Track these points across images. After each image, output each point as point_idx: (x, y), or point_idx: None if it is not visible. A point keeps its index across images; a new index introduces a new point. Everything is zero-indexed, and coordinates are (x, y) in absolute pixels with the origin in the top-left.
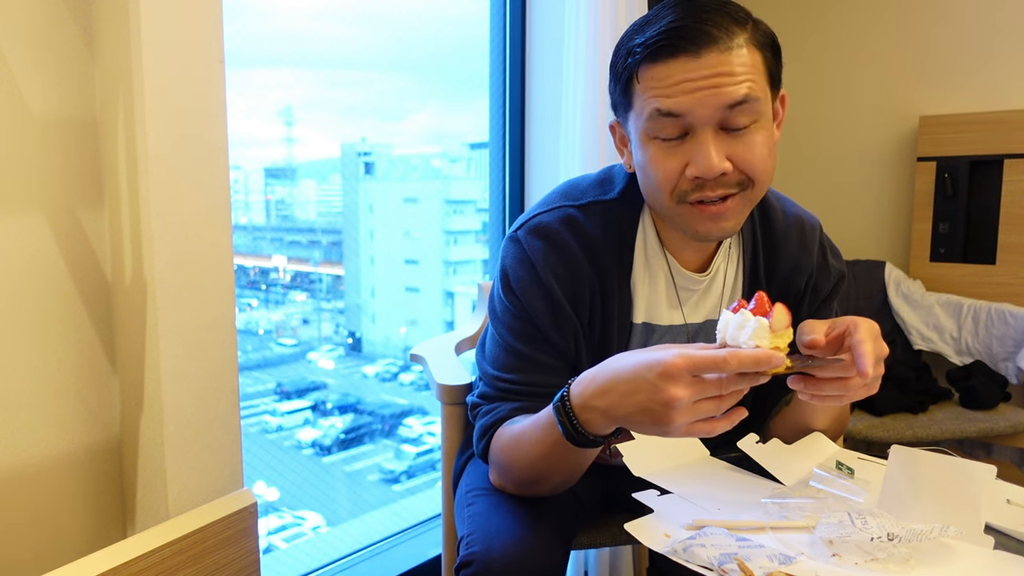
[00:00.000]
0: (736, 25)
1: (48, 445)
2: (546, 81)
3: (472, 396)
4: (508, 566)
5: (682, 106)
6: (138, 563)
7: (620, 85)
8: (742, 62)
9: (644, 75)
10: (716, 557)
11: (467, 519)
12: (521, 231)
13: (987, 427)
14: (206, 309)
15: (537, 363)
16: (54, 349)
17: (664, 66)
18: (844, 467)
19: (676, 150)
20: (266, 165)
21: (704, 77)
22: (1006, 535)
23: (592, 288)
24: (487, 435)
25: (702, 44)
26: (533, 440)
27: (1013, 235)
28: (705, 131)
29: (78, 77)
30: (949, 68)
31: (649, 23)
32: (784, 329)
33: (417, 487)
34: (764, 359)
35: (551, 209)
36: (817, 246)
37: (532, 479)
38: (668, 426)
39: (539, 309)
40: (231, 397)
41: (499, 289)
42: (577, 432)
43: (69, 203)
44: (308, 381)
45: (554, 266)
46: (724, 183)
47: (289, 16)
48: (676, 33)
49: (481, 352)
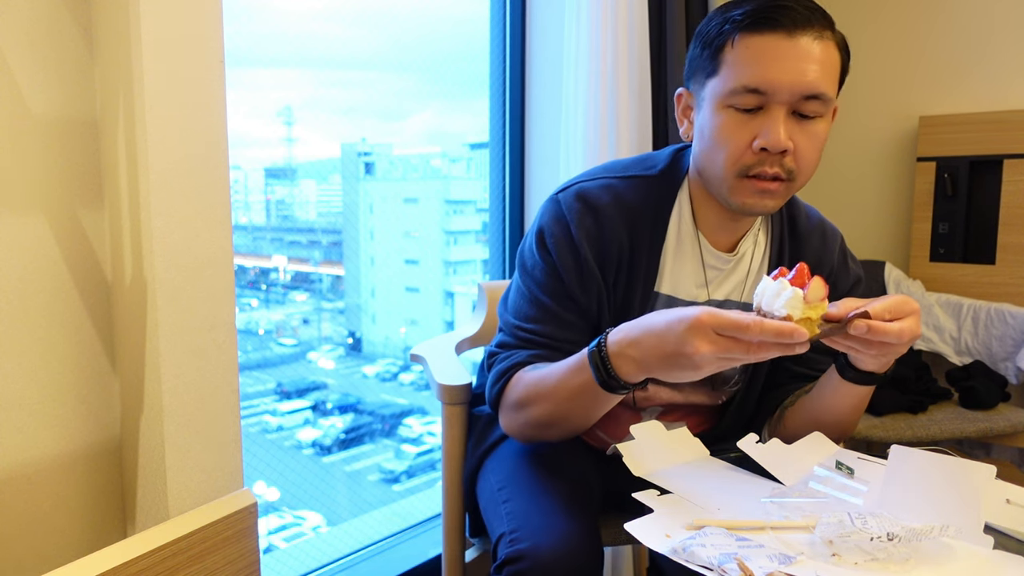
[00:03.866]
0: (827, 21)
1: (48, 445)
2: (546, 81)
3: (490, 346)
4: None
5: (767, 83)
6: (138, 563)
7: (710, 50)
8: (828, 56)
9: (740, 42)
10: (716, 557)
11: (505, 516)
12: (563, 194)
13: (987, 427)
14: (206, 309)
15: (559, 318)
16: (54, 349)
17: (761, 37)
18: (844, 467)
19: (748, 123)
20: (266, 165)
21: (796, 58)
22: (1006, 535)
23: (621, 253)
24: (504, 377)
25: (800, 24)
26: (559, 382)
27: (1013, 235)
28: (779, 109)
29: (78, 77)
30: (949, 68)
31: (749, 1)
32: (819, 301)
33: (417, 487)
34: (787, 332)
35: (594, 179)
36: (838, 249)
37: (549, 420)
38: (694, 372)
39: (568, 266)
40: (231, 397)
41: (533, 244)
42: (609, 376)
43: (69, 203)
44: (308, 381)
45: (588, 227)
46: (781, 163)
47: (289, 16)
48: (779, 11)
49: (504, 304)
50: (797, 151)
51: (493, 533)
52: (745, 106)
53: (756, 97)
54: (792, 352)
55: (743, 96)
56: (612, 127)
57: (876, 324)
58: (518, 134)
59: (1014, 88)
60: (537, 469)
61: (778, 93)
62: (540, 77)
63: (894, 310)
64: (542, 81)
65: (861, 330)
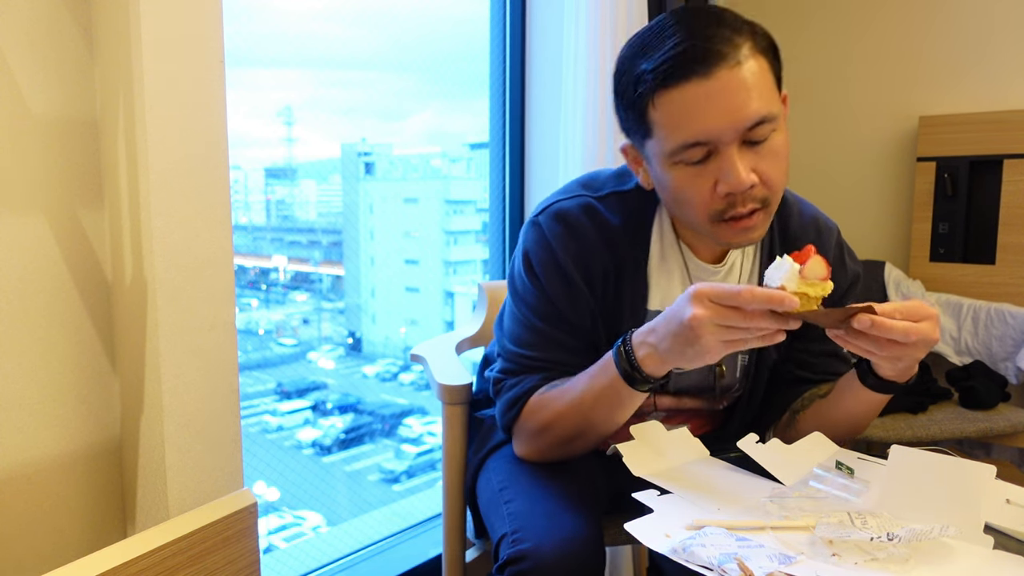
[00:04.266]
0: (738, 35)
1: (48, 445)
2: (546, 81)
3: (492, 371)
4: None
5: (706, 133)
6: (138, 563)
7: (634, 113)
8: (752, 73)
9: (660, 101)
10: (716, 557)
11: (507, 516)
12: (542, 216)
13: (987, 427)
14: (206, 309)
15: (555, 341)
16: (54, 349)
17: (678, 91)
18: (844, 467)
19: (703, 172)
20: (266, 165)
21: (723, 97)
22: (1006, 535)
23: (607, 274)
24: (518, 404)
25: (712, 63)
26: (583, 391)
27: (1013, 235)
28: (729, 149)
29: (78, 77)
30: (949, 68)
31: (650, 47)
32: (818, 280)
33: (417, 487)
34: (777, 299)
35: (571, 197)
36: (834, 246)
37: (574, 433)
38: (700, 346)
39: (558, 290)
40: (231, 397)
41: (521, 269)
42: (633, 368)
43: (69, 203)
44: (308, 381)
45: (572, 250)
46: (752, 197)
47: (289, 16)
48: (684, 56)
49: (499, 328)
50: (763, 178)
51: (495, 534)
52: (693, 159)
53: (700, 148)
54: (787, 326)
55: (687, 152)
56: (611, 127)
57: (880, 320)
58: (518, 134)
59: (1014, 88)
60: (539, 470)
61: (721, 137)
62: (540, 77)
63: (904, 311)
64: (542, 81)
65: (864, 324)
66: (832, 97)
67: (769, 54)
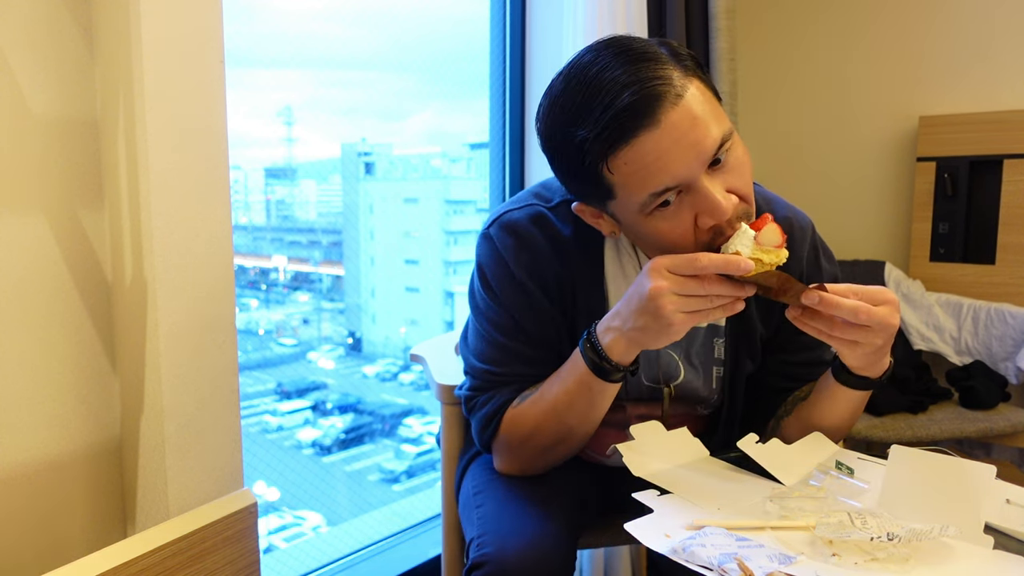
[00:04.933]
0: (662, 66)
1: (48, 445)
2: (546, 81)
3: (461, 390)
4: (521, 567)
5: (674, 179)
6: (138, 563)
7: (587, 181)
8: (696, 100)
9: (615, 164)
10: (716, 557)
11: (476, 521)
12: (493, 228)
13: (987, 427)
14: (206, 309)
15: (520, 355)
16: (54, 349)
17: (631, 149)
18: (844, 467)
19: (678, 210)
20: (266, 165)
21: (679, 137)
22: (1006, 535)
23: (563, 283)
24: (494, 421)
25: (654, 110)
26: (556, 393)
27: (1013, 235)
28: (700, 182)
29: (78, 77)
30: (949, 68)
31: (580, 113)
32: (773, 247)
33: (417, 487)
34: (732, 263)
35: (521, 207)
36: (808, 247)
37: (555, 439)
38: (663, 317)
39: (516, 303)
40: (231, 397)
41: (477, 284)
42: (600, 358)
43: (69, 203)
44: (308, 381)
45: (524, 261)
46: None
47: (289, 16)
48: (623, 114)
49: (464, 344)
50: (739, 194)
51: (467, 538)
52: (665, 201)
53: (670, 191)
54: (743, 293)
55: (658, 199)
56: None
57: (829, 297)
58: (518, 134)
59: (1014, 88)
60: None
61: (688, 176)
62: (540, 77)
63: (862, 293)
64: (542, 81)
65: (812, 300)
66: (832, 97)
67: (696, 68)
